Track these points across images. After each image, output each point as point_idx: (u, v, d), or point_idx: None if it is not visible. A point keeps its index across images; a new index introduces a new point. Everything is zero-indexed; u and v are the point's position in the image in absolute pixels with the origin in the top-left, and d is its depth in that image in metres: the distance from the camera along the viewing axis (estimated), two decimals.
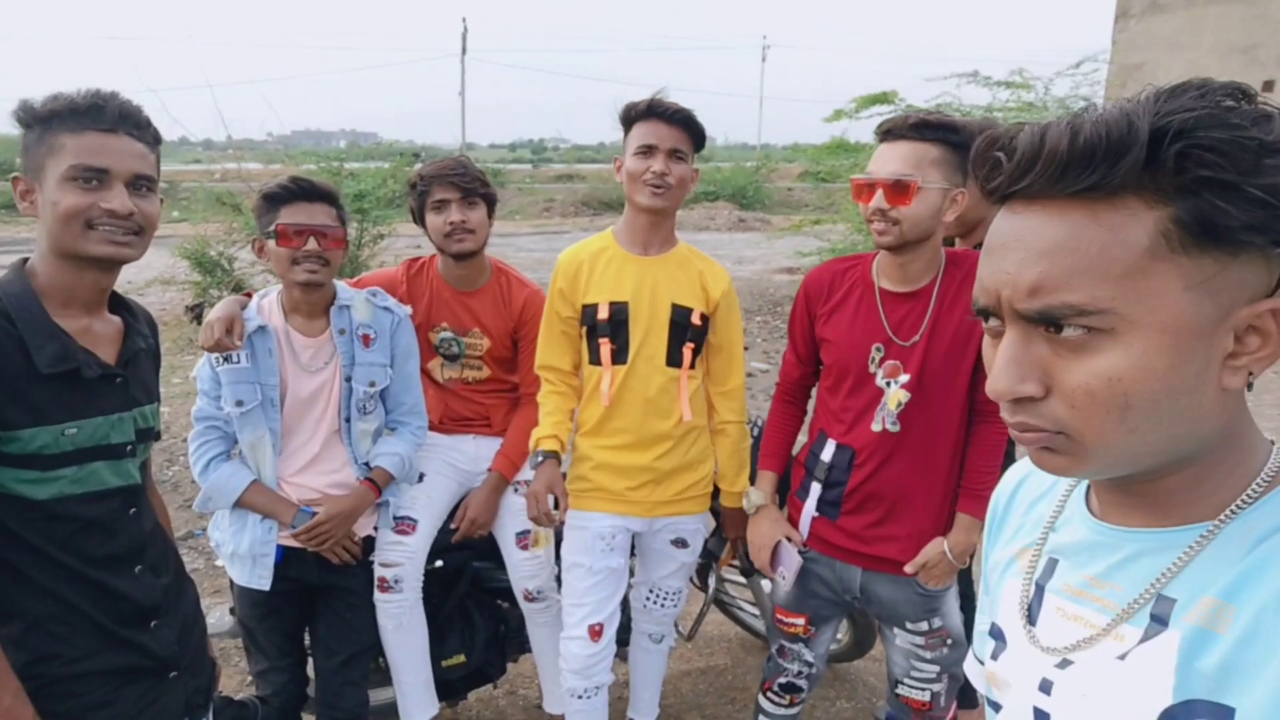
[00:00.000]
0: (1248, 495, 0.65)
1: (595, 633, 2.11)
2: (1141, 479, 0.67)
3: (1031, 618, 0.77)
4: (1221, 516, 0.65)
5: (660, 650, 2.38)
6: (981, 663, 0.90)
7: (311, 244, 1.93)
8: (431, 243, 2.29)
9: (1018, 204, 0.64)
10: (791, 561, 1.88)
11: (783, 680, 2.04)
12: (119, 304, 1.50)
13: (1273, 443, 0.68)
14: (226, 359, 1.95)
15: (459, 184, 2.21)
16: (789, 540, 1.90)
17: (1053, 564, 0.78)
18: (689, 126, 1.97)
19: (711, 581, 2.59)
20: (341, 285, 2.10)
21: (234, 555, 2.01)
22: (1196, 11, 12.07)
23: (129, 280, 10.43)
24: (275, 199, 1.96)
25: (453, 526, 2.30)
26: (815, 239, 10.63)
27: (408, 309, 2.20)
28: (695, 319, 2.05)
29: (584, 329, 2.08)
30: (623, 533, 2.12)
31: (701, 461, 2.15)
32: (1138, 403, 0.60)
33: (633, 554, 2.27)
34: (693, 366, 2.09)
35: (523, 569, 2.30)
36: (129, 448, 1.42)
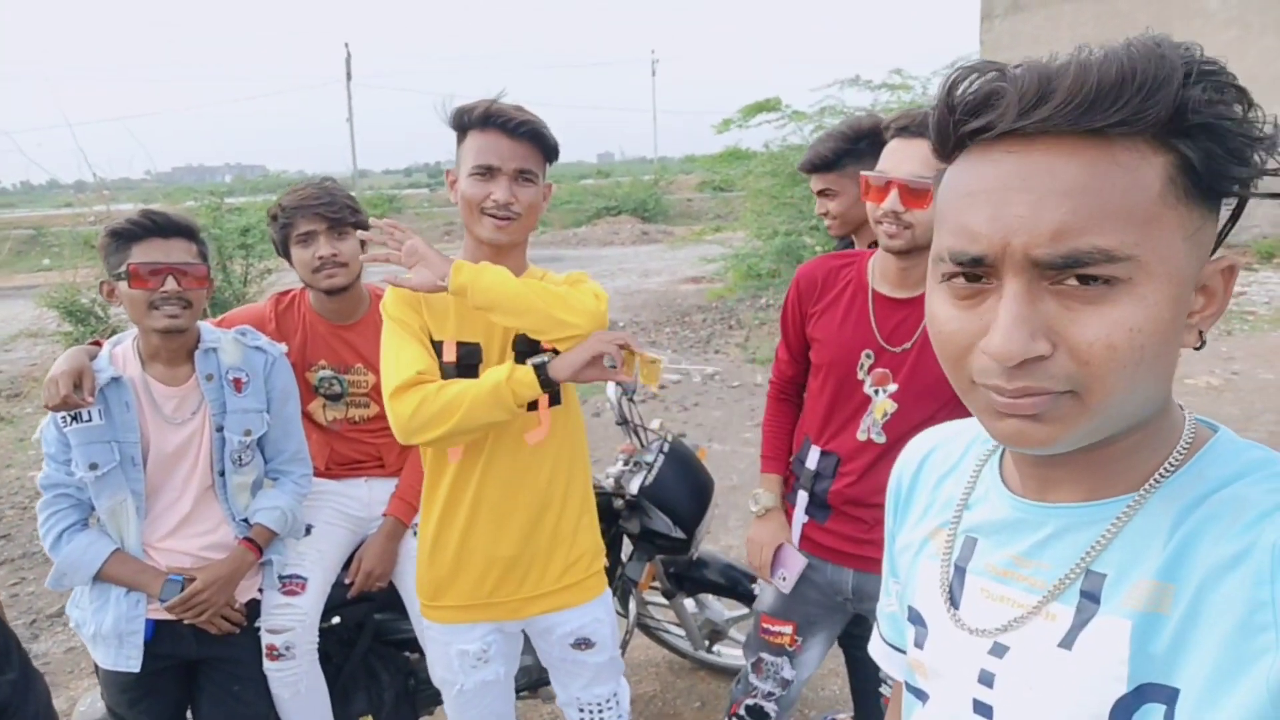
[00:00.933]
0: (1170, 463, 0.64)
1: None
2: (1084, 449, 0.64)
3: (954, 600, 0.74)
4: (1147, 486, 0.64)
5: None
6: (899, 650, 0.87)
7: (170, 284, 1.76)
8: (300, 277, 2.13)
9: (1012, 143, 0.58)
10: (795, 564, 1.80)
11: (750, 702, 1.91)
12: None
13: (1181, 408, 0.67)
14: (75, 417, 1.75)
15: (325, 214, 2.06)
16: (790, 545, 1.82)
17: (971, 543, 0.75)
18: (537, 139, 1.62)
19: (632, 606, 2.50)
20: (205, 326, 1.92)
21: (96, 636, 1.80)
22: (1053, 9, 12.85)
23: None
24: (125, 236, 1.77)
25: (347, 581, 2.14)
26: (718, 246, 10.77)
27: (282, 347, 2.03)
28: (547, 346, 1.66)
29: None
30: (498, 642, 1.77)
31: (579, 533, 1.77)
32: (1149, 356, 0.57)
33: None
34: (558, 401, 1.71)
35: None
36: None
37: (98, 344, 1.87)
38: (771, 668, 1.87)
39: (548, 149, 1.65)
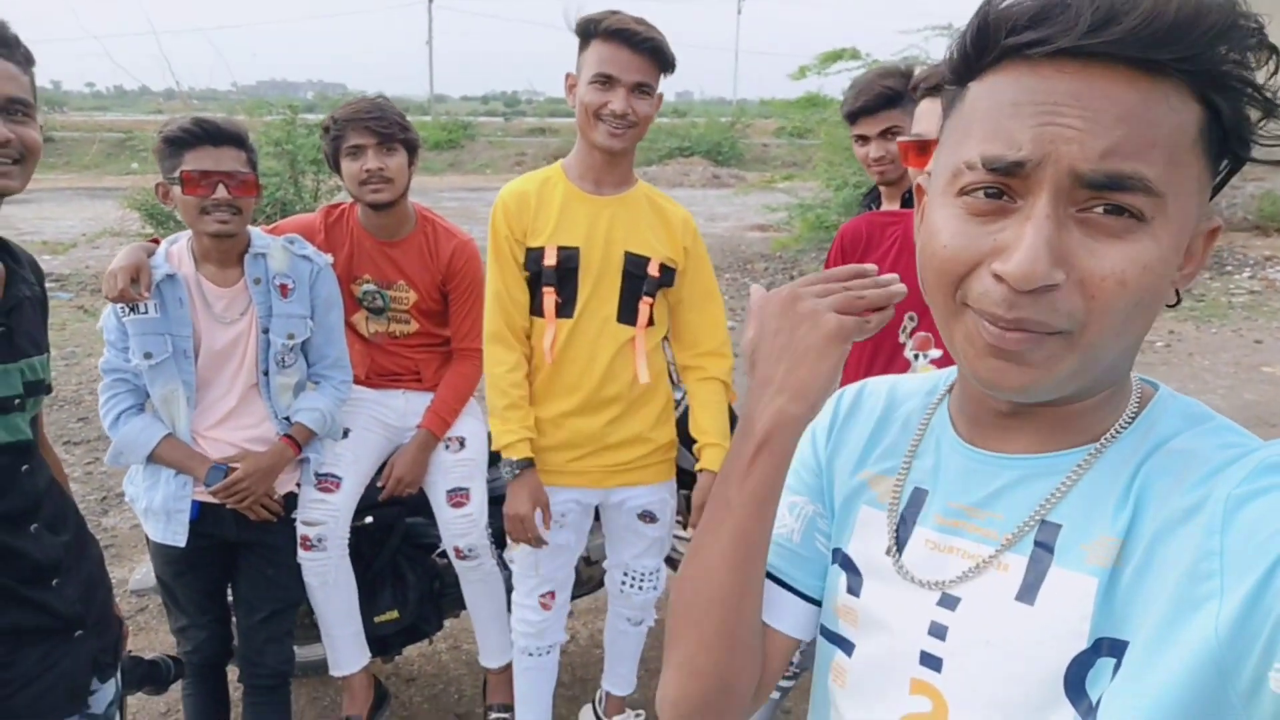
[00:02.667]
0: (1125, 419, 0.65)
1: (545, 604, 2.05)
2: (1056, 401, 0.64)
3: (900, 550, 0.73)
4: (1104, 440, 0.64)
5: (638, 632, 2.26)
6: (814, 601, 0.81)
7: (220, 191, 1.84)
8: (347, 190, 2.20)
9: (1064, 63, 0.55)
10: None
11: None
12: (1, 249, 1.42)
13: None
14: (133, 309, 1.87)
15: (375, 128, 2.11)
16: None
17: (920, 495, 0.74)
18: (658, 55, 1.73)
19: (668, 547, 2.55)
20: (256, 232, 2.01)
21: (148, 511, 1.95)
22: None
23: (82, 233, 10.18)
24: (178, 143, 1.86)
25: (379, 485, 2.25)
26: (786, 194, 10.57)
27: (328, 257, 2.12)
28: (653, 269, 1.85)
29: (525, 276, 1.88)
30: (575, 509, 1.98)
31: (660, 425, 1.99)
32: (1147, 300, 0.57)
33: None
34: (651, 323, 1.90)
35: (453, 527, 2.26)
36: (16, 401, 1.36)
37: (155, 241, 1.98)
38: None
39: (666, 63, 1.75)
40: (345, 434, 2.21)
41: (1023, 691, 0.61)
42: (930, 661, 0.68)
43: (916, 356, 1.60)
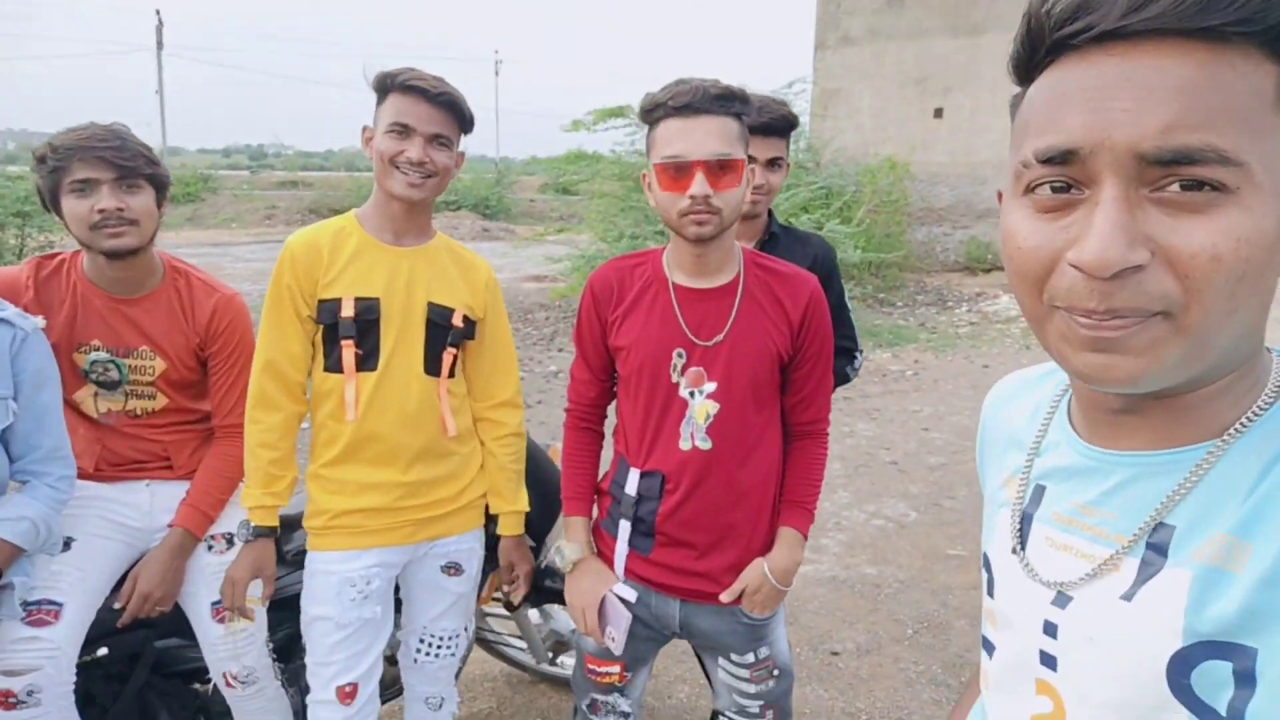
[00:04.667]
0: (1258, 408, 0.60)
1: (346, 694, 1.73)
2: (1170, 392, 0.60)
3: (1022, 548, 0.73)
4: (1229, 433, 0.60)
5: (441, 717, 1.99)
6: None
7: None
8: (73, 235, 1.75)
9: (1112, 46, 0.54)
10: (620, 620, 1.58)
11: None
12: None
13: (1270, 350, 0.64)
14: None
15: (113, 160, 1.70)
16: (614, 593, 1.60)
17: (1040, 491, 0.74)
18: (454, 109, 1.70)
19: (471, 620, 2.27)
20: None
21: None
22: (879, 46, 13.71)
23: None
24: None
25: (118, 605, 1.77)
26: (562, 246, 10.64)
27: (39, 320, 1.65)
28: (456, 320, 1.78)
29: (319, 330, 1.72)
30: (380, 574, 1.76)
31: (468, 469, 1.87)
32: (1252, 273, 0.53)
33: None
34: (452, 374, 1.81)
35: (222, 648, 1.82)
36: None
37: None
38: (607, 705, 1.70)
39: (464, 120, 1.74)
40: (67, 545, 1.72)
41: (1129, 691, 0.61)
42: (1048, 661, 0.68)
43: (693, 394, 1.53)
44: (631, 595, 1.60)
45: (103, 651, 1.78)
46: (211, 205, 23.07)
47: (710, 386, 1.51)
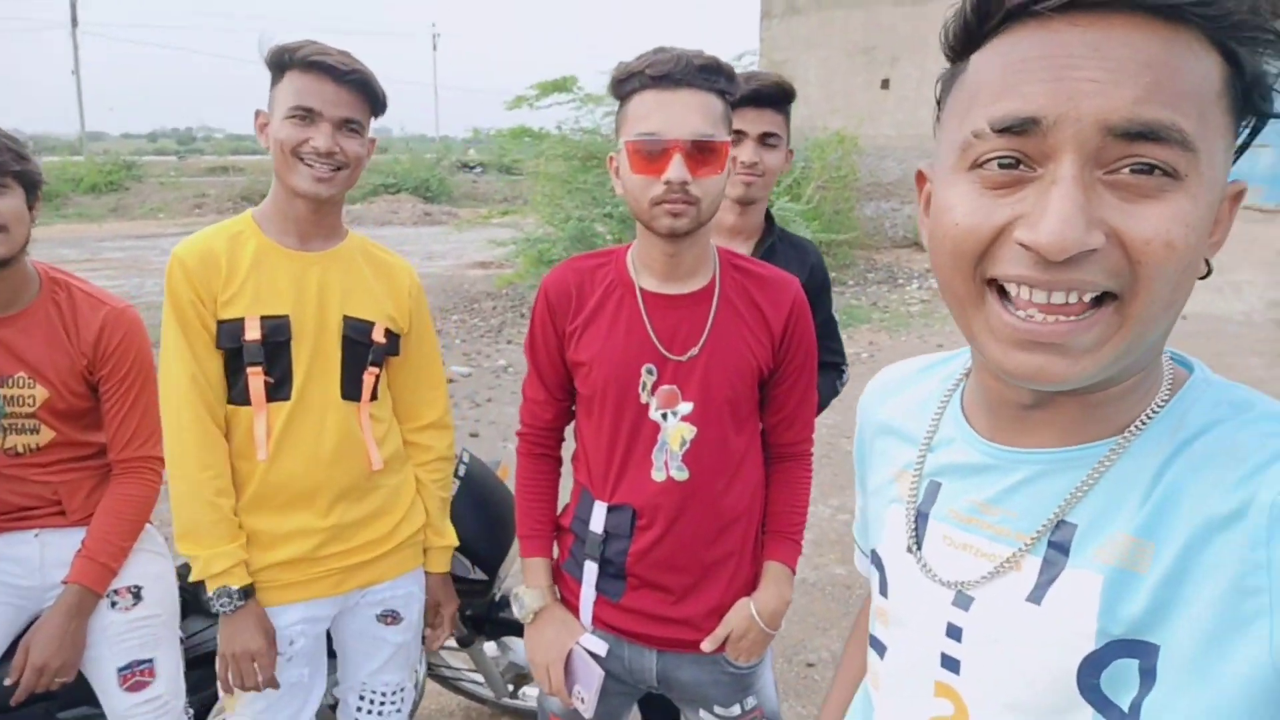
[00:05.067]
0: (1154, 406, 0.61)
1: None
2: (1085, 389, 0.60)
3: (918, 547, 0.72)
4: (1129, 430, 0.61)
5: None
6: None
7: None
8: None
9: (1077, 16, 0.52)
10: (591, 678, 1.37)
11: None
12: None
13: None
14: None
15: None
16: (583, 646, 1.39)
17: (935, 488, 0.72)
18: (365, 89, 1.48)
19: (422, 659, 2.05)
20: None
21: None
22: (825, 14, 13.61)
23: None
24: None
25: (8, 682, 1.51)
26: (507, 229, 10.29)
27: None
28: (377, 335, 1.57)
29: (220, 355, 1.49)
30: (306, 631, 1.56)
31: (398, 502, 1.65)
32: (1193, 263, 0.53)
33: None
34: (375, 397, 1.60)
35: (133, 717, 1.58)
36: None
37: None
38: None
39: (375, 101, 1.52)
40: None
41: (1037, 693, 0.61)
42: (950, 664, 0.67)
43: (665, 416, 1.33)
44: (601, 648, 1.40)
45: None
46: (136, 194, 22.01)
47: (685, 407, 1.32)
